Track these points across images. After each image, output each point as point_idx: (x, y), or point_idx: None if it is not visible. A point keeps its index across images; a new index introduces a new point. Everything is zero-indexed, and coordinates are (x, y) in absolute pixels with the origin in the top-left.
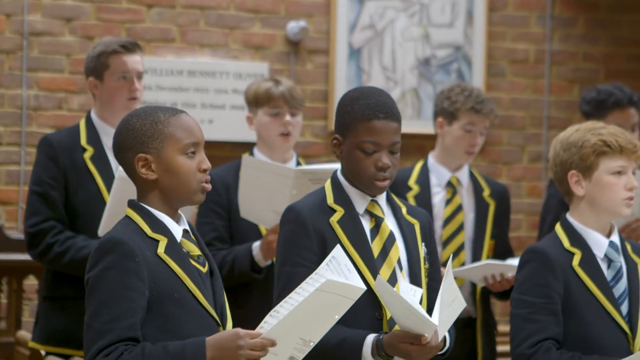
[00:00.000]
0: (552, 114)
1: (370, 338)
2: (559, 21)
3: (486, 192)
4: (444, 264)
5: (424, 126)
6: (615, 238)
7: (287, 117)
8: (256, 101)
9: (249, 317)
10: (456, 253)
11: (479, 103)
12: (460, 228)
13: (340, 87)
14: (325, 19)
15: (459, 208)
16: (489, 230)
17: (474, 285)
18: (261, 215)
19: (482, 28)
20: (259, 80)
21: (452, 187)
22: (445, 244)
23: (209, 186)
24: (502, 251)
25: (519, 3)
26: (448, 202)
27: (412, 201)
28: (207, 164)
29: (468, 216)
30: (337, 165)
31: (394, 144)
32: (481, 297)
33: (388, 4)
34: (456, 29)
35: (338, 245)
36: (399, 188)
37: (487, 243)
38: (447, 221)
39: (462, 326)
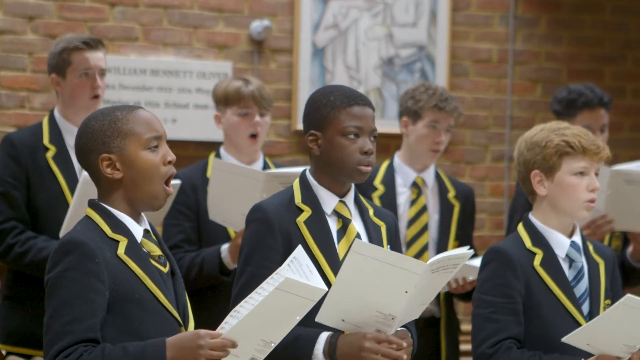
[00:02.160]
0: (515, 114)
1: (324, 336)
2: (521, 21)
3: (451, 194)
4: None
5: (388, 125)
6: (577, 238)
7: (257, 118)
8: (225, 100)
9: (216, 319)
10: (420, 254)
11: (442, 101)
12: (425, 229)
13: (304, 86)
14: (288, 19)
15: (424, 209)
16: (453, 231)
17: None
18: (230, 217)
19: (446, 28)
20: (227, 78)
21: (417, 188)
22: (410, 244)
23: (171, 189)
24: None
25: (482, 3)
26: (413, 202)
27: (377, 201)
28: (171, 156)
29: (432, 217)
30: (307, 169)
31: (374, 130)
32: (444, 297)
33: (352, 3)
34: (420, 28)
35: (299, 246)
36: (364, 188)
37: (451, 244)
38: (412, 222)
39: (426, 326)
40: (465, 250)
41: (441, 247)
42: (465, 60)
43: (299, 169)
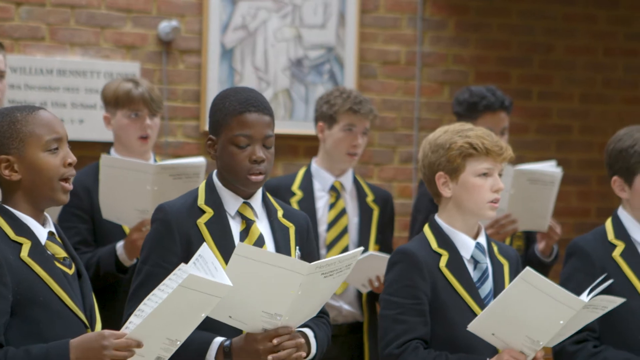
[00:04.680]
0: (423, 116)
1: (217, 341)
2: (429, 23)
3: (370, 198)
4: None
5: (296, 127)
6: (482, 239)
7: (147, 120)
8: (115, 102)
9: (115, 318)
10: None
11: (357, 104)
12: (344, 231)
13: (213, 87)
14: (197, 19)
15: (343, 212)
16: (373, 235)
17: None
18: (123, 214)
19: (354, 29)
20: (116, 80)
21: (335, 192)
22: (330, 247)
23: (69, 186)
24: None
25: (391, 5)
26: (332, 206)
27: (295, 206)
28: (72, 158)
29: (352, 220)
30: (198, 159)
31: (267, 137)
32: (367, 300)
33: (260, 4)
34: (328, 30)
35: (205, 244)
36: (282, 193)
37: (372, 248)
38: (331, 225)
39: (349, 331)
40: (355, 250)
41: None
42: (374, 62)
43: (188, 160)
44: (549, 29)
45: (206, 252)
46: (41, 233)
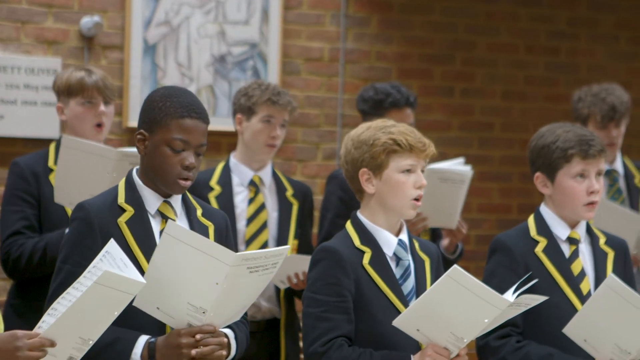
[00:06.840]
0: (346, 112)
1: (143, 339)
2: (353, 20)
3: (289, 192)
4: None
5: (220, 123)
6: (404, 236)
7: (102, 107)
8: (68, 91)
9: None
10: None
11: (275, 95)
12: (264, 226)
13: (135, 83)
14: (119, 15)
15: (262, 207)
16: (293, 229)
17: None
18: (77, 199)
19: (278, 26)
20: (69, 69)
21: (254, 186)
22: (249, 242)
23: None
24: (305, 251)
25: (314, 2)
26: (251, 201)
27: (213, 201)
28: None
29: (271, 215)
30: None
31: (201, 145)
32: (285, 296)
33: (183, 0)
34: (252, 26)
35: (112, 240)
36: (200, 189)
37: (291, 242)
38: (251, 220)
39: (267, 327)
40: (282, 247)
41: (281, 244)
42: (297, 58)
43: None
44: (471, 26)
45: (114, 248)
46: None
